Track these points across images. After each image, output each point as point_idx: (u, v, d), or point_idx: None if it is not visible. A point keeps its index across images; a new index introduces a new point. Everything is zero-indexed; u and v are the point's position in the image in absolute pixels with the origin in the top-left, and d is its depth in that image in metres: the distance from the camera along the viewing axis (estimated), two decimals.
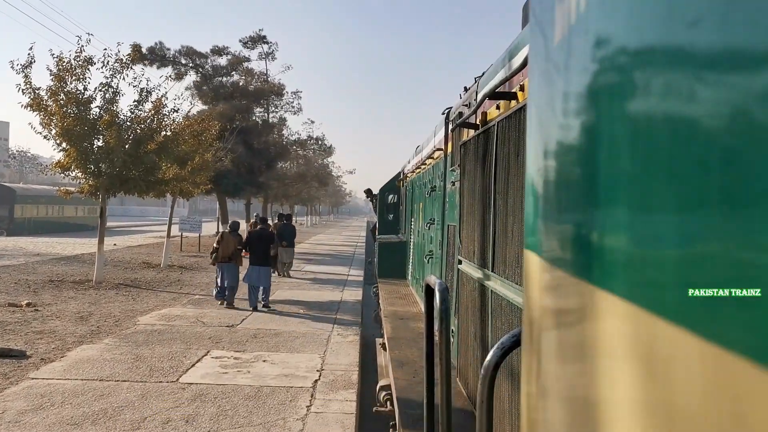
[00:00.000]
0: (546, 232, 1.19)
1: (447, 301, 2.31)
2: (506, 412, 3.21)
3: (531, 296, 1.25)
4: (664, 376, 0.71)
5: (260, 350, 8.92)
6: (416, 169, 10.45)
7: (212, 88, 29.12)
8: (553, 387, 1.08)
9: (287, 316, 11.88)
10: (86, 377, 7.22)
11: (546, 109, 1.17)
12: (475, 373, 4.13)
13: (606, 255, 0.90)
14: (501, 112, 3.72)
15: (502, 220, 3.45)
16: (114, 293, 13.72)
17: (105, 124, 14.38)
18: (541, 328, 1.17)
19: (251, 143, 28.90)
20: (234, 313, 11.86)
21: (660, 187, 0.74)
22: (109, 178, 15.03)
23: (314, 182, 41.99)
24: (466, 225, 4.64)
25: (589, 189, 0.96)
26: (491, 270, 3.67)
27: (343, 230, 60.17)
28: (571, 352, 1.01)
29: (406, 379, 5.46)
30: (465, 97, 5.40)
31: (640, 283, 0.78)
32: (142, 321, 10.68)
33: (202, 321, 10.87)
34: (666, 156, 0.73)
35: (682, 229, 0.70)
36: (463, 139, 5.02)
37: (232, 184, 26.92)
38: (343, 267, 22.16)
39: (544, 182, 1.18)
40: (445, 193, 6.55)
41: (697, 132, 0.67)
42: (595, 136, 0.94)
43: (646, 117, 0.78)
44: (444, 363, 2.27)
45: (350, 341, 9.86)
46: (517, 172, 3.12)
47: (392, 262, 12.72)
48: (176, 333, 9.78)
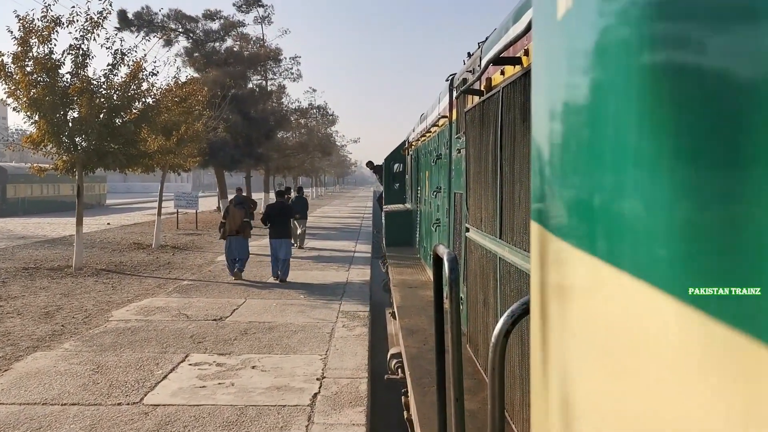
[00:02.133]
0: (550, 200, 1.21)
1: (456, 270, 2.23)
2: (517, 377, 3.24)
3: (537, 265, 1.29)
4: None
5: (249, 352, 7.44)
6: (421, 137, 10.31)
7: (204, 55, 27.29)
8: (560, 355, 1.11)
9: (286, 302, 10.41)
10: (27, 400, 5.77)
11: (552, 71, 1.18)
12: (484, 339, 4.19)
13: (607, 228, 0.91)
14: (506, 77, 3.71)
15: (509, 186, 3.45)
16: (93, 281, 12.28)
17: (76, 91, 12.77)
18: (548, 297, 1.20)
19: (248, 112, 27.20)
20: (225, 302, 10.40)
21: (675, 150, 0.72)
22: (85, 153, 13.48)
23: (317, 152, 40.24)
24: (473, 192, 4.62)
25: (594, 155, 0.96)
26: (499, 237, 3.67)
27: (349, 201, 58.60)
28: (576, 323, 1.04)
29: (416, 346, 5.49)
30: (469, 63, 5.33)
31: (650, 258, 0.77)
32: (115, 316, 9.23)
33: (186, 314, 9.41)
34: (678, 116, 0.72)
35: (697, 198, 0.68)
36: (467, 105, 4.95)
37: (229, 157, 25.30)
38: (349, 242, 20.64)
39: (549, 147, 1.19)
40: (451, 160, 6.52)
41: (714, 86, 0.66)
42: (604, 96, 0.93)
43: (660, 72, 0.76)
44: (454, 331, 2.20)
45: (357, 335, 8.38)
46: (524, 137, 3.09)
47: (399, 231, 12.91)
48: (152, 331, 8.32)
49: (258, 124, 27.41)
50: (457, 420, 2.12)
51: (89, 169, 14.15)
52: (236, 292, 11.32)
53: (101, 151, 13.64)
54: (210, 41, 28.51)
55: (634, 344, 0.80)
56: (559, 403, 1.12)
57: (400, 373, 5.68)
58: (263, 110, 28.72)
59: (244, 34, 31.02)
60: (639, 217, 0.80)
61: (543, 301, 1.23)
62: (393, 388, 6.40)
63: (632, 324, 0.80)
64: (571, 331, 1.05)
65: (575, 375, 1.02)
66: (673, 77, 0.72)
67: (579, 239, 1.01)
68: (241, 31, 30.87)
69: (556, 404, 1.13)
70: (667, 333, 0.71)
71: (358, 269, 14.53)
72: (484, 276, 4.19)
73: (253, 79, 30.94)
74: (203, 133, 18.48)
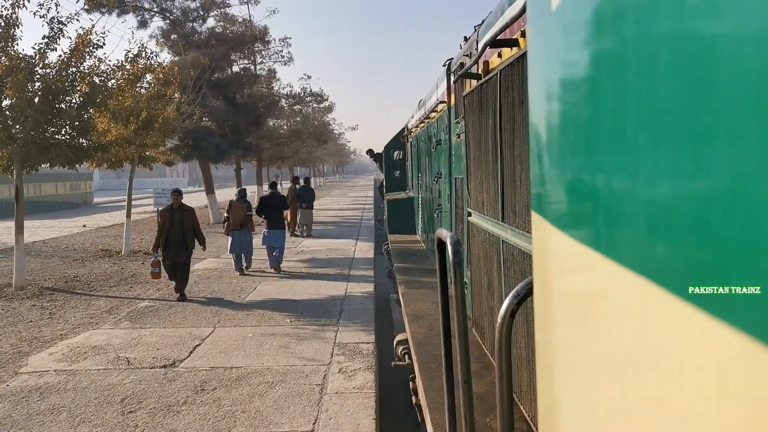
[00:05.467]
0: (547, 183, 1.20)
1: (460, 254, 2.17)
2: (524, 358, 3.25)
3: (538, 249, 1.29)
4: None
5: (199, 429, 5.03)
6: (420, 123, 10.31)
7: (182, 36, 24.64)
8: (564, 336, 1.12)
9: (266, 331, 8.00)
10: None
11: (548, 51, 1.17)
12: (490, 323, 4.23)
13: (608, 222, 0.91)
14: (503, 59, 3.69)
15: (509, 169, 3.46)
16: (29, 306, 9.85)
17: (3, 71, 10.29)
18: (550, 281, 1.20)
19: (233, 97, 24.63)
20: (187, 334, 7.97)
21: (679, 129, 0.70)
22: (23, 147, 11.00)
23: (312, 140, 37.61)
24: (474, 177, 4.63)
25: (593, 135, 0.95)
26: (501, 220, 3.69)
27: (348, 191, 56.03)
28: (576, 307, 1.06)
29: (422, 332, 5.53)
30: (465, 47, 5.41)
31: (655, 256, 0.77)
32: (31, 365, 6.81)
33: (129, 357, 6.99)
34: (683, 92, 0.69)
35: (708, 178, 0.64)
36: (465, 90, 5.01)
37: (213, 147, 22.76)
38: (348, 239, 18.18)
39: (547, 129, 1.18)
40: (450, 146, 6.58)
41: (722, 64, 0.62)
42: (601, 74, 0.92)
43: (661, 46, 0.74)
44: (460, 314, 2.16)
45: (359, 387, 5.98)
46: (522, 120, 3.10)
47: (401, 218, 13.03)
48: (70, 394, 5.91)
49: (245, 111, 24.85)
50: (466, 402, 2.10)
51: (31, 166, 11.70)
52: (204, 316, 8.91)
53: (43, 143, 11.17)
54: (189, 21, 25.84)
55: (644, 346, 0.79)
56: (565, 385, 1.13)
57: (406, 359, 5.73)
58: (251, 95, 26.12)
59: (227, 15, 28.37)
60: (643, 208, 0.78)
61: (543, 282, 1.24)
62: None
63: (648, 331, 0.79)
64: (573, 320, 1.07)
65: (580, 364, 1.04)
66: (674, 55, 0.71)
67: (574, 227, 1.05)
68: (225, 11, 28.22)
69: (563, 386, 1.14)
70: (671, 333, 0.72)
71: (359, 275, 12.10)
72: (488, 260, 4.22)
73: (239, 62, 28.33)
74: (175, 121, 15.93)
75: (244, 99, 25.61)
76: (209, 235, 20.70)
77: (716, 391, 0.63)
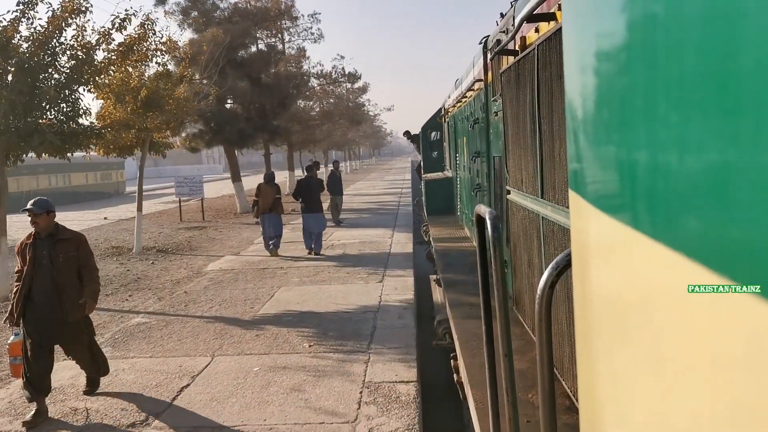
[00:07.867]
0: (583, 160, 1.17)
1: (498, 229, 2.11)
2: (565, 333, 3.23)
3: (575, 227, 1.29)
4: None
5: None
6: (457, 103, 10.34)
7: (203, 12, 22.93)
8: (605, 311, 1.09)
9: (276, 363, 6.20)
10: None
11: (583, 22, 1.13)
12: (530, 300, 4.16)
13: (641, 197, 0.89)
14: (540, 34, 3.61)
15: (548, 145, 3.39)
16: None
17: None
18: (588, 255, 1.18)
19: (257, 77, 22.88)
20: (176, 367, 6.23)
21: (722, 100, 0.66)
22: (5, 133, 9.41)
23: (344, 121, 35.66)
24: (513, 155, 4.60)
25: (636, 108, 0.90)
26: (541, 197, 3.64)
27: (385, 174, 54.08)
28: (613, 286, 1.04)
29: (462, 311, 5.54)
30: (502, 23, 5.36)
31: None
32: None
33: (90, 409, 5.25)
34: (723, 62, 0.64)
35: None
36: (503, 67, 4.95)
37: (237, 131, 21.09)
38: (384, 230, 16.26)
39: (582, 104, 1.15)
40: (488, 124, 6.63)
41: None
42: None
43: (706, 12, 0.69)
44: (500, 288, 2.11)
45: None
46: (561, 95, 3.03)
47: (439, 199, 12.96)
48: None
49: (271, 91, 23.09)
50: (507, 375, 2.07)
51: (16, 156, 10.11)
52: (205, 337, 7.16)
53: (25, 129, 9.55)
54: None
55: (681, 325, 0.77)
56: (603, 362, 1.11)
57: (447, 338, 5.93)
58: (277, 75, 24.31)
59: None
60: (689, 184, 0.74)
61: (581, 260, 1.22)
62: None
63: (688, 312, 0.76)
64: (611, 300, 1.05)
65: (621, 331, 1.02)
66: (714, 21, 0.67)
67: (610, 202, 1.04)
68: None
69: (602, 363, 1.12)
70: (712, 312, 0.69)
71: (396, 276, 10.19)
72: (528, 237, 4.19)
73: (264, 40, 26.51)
74: (189, 102, 14.19)
75: (270, 79, 23.85)
76: (234, 227, 19.01)
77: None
